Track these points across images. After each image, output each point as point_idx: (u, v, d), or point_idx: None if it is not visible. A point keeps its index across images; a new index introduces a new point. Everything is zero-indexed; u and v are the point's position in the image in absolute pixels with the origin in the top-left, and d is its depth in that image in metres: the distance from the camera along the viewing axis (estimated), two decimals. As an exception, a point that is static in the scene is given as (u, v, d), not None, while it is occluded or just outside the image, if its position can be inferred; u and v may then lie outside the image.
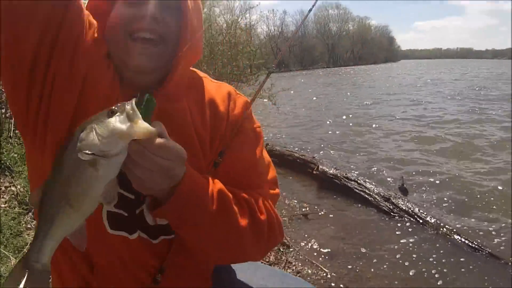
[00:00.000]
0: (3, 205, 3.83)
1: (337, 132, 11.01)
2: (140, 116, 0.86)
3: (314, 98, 19.26)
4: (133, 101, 0.88)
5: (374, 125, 11.60)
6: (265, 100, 11.63)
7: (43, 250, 0.94)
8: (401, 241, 4.55)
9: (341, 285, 3.69)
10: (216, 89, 1.28)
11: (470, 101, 15.95)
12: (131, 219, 1.13)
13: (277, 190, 1.33)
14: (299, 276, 3.77)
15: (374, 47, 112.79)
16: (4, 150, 4.60)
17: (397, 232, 4.76)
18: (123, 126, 0.84)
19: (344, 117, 13.19)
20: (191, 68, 1.26)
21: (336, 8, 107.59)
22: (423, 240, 4.56)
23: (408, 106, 14.66)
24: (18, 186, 4.17)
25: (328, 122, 12.35)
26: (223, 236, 1.12)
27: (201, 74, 1.32)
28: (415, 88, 24.20)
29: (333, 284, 3.73)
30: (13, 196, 4.03)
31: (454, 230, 4.67)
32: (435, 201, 5.66)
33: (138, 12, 1.05)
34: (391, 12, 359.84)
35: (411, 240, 4.54)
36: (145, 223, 1.13)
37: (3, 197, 3.99)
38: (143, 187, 0.95)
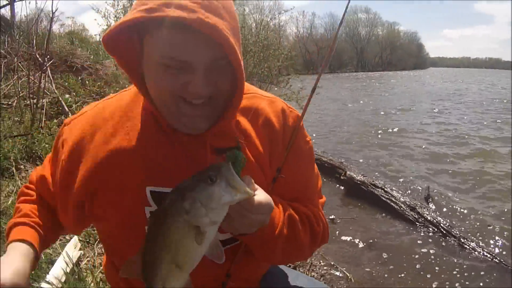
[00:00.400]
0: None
1: (364, 138, 10.96)
2: (240, 181, 0.92)
3: (343, 103, 19.20)
4: (230, 165, 0.93)
5: (402, 133, 11.54)
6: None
7: None
8: (423, 250, 4.52)
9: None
10: (269, 105, 1.31)
11: (499, 113, 15.67)
12: None
13: (324, 198, 1.46)
14: (323, 279, 3.81)
15: (403, 53, 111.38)
16: (35, 140, 4.68)
17: (419, 242, 4.74)
18: (228, 196, 0.90)
19: (373, 123, 13.13)
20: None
21: (366, 12, 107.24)
22: (446, 251, 4.52)
23: (438, 116, 14.44)
24: (50, 175, 4.26)
25: (356, 128, 12.30)
26: (290, 250, 1.26)
27: (251, 88, 1.36)
28: (445, 97, 23.86)
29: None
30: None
31: (478, 244, 4.63)
32: (460, 213, 5.60)
33: (188, 83, 1.03)
34: (420, 19, 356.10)
35: (433, 251, 4.51)
36: None
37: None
38: (236, 232, 1.09)
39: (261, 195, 1.00)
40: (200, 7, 0.95)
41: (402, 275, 4.05)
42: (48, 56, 6.21)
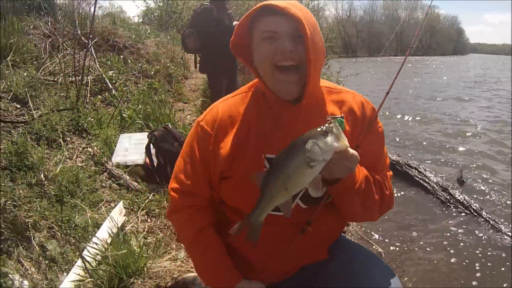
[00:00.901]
0: (80, 164, 4.11)
1: (400, 121, 11.02)
2: (344, 136, 1.28)
3: (380, 87, 19.01)
4: (338, 125, 1.28)
5: (440, 119, 11.48)
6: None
7: (262, 215, 1.45)
8: (452, 229, 4.60)
9: (394, 266, 3.82)
10: (352, 98, 1.69)
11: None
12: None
13: (390, 172, 1.78)
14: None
15: (443, 38, 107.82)
16: (81, 114, 4.85)
17: (449, 221, 4.79)
18: (336, 144, 1.26)
19: (410, 108, 12.95)
20: (327, 83, 1.74)
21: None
22: (475, 230, 4.57)
23: (479, 103, 14.07)
24: (95, 148, 4.44)
25: (393, 112, 12.24)
26: (365, 205, 1.58)
27: (338, 86, 1.76)
28: (487, 84, 23.19)
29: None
30: (89, 156, 4.30)
31: (506, 225, 4.67)
32: (491, 196, 5.61)
33: (277, 46, 1.47)
34: (460, 2, 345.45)
35: (461, 230, 4.57)
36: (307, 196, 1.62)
37: (80, 157, 4.24)
38: (332, 176, 1.41)
39: (352, 150, 1.33)
40: (288, 4, 1.46)
41: (430, 249, 4.16)
42: (91, 36, 6.42)
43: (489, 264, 3.95)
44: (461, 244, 4.30)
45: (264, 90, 1.61)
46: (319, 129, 1.28)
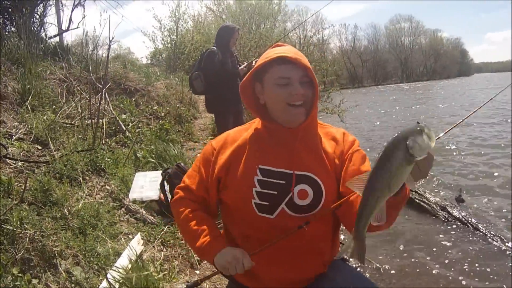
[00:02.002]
0: (99, 200, 4.37)
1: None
2: (434, 136, 1.36)
3: (383, 115, 19.20)
4: (430, 127, 1.37)
5: (440, 140, 11.51)
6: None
7: (368, 220, 1.46)
8: (449, 244, 4.85)
9: (394, 280, 4.08)
10: (336, 130, 2.05)
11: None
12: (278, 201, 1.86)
13: None
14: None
15: (447, 61, 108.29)
16: (98, 154, 5.14)
17: (448, 237, 5.05)
18: (432, 144, 1.33)
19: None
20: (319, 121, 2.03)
21: (409, 21, 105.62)
22: (472, 245, 4.80)
23: (476, 126, 14.13)
24: (113, 185, 4.75)
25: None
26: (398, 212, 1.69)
27: (325, 123, 2.10)
28: (485, 108, 22.98)
29: (384, 279, 4.14)
30: (108, 193, 4.60)
31: (503, 239, 4.88)
32: (490, 213, 5.83)
33: (291, 90, 1.81)
34: (463, 23, 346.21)
35: (461, 245, 4.82)
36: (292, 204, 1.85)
37: (99, 194, 4.53)
38: (418, 177, 1.43)
39: None
40: (293, 53, 1.82)
41: (428, 265, 4.38)
42: (105, 80, 6.81)
43: (488, 274, 4.15)
44: (460, 257, 4.53)
45: (268, 124, 1.96)
46: (415, 128, 1.35)
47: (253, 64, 5.82)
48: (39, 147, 4.85)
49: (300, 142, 1.87)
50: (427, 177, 6.98)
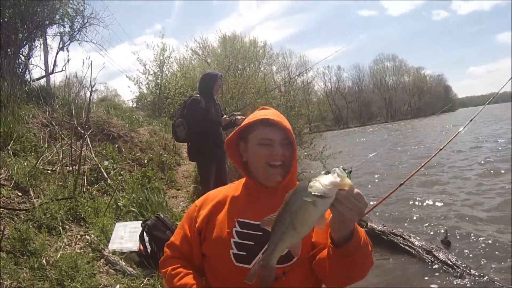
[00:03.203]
0: (78, 250, 4.32)
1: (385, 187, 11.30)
2: (345, 174, 1.37)
3: (368, 157, 19.22)
4: (341, 167, 1.40)
5: (423, 182, 11.73)
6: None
7: (273, 256, 1.52)
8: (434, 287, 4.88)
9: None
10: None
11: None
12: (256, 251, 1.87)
13: None
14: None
15: (431, 98, 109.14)
16: (79, 203, 5.07)
17: (434, 280, 5.08)
18: (338, 180, 1.34)
19: (389, 174, 13.23)
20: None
21: (392, 60, 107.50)
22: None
23: (458, 166, 14.24)
24: (92, 235, 4.68)
25: (376, 181, 12.55)
26: (362, 265, 1.67)
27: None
28: (465, 146, 23.14)
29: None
30: (87, 243, 4.51)
31: (490, 279, 4.89)
32: (476, 254, 5.84)
33: (273, 151, 1.94)
34: (444, 60, 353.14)
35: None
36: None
37: (78, 244, 4.45)
38: (343, 221, 1.45)
39: (357, 190, 1.42)
40: (276, 116, 1.98)
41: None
42: (87, 126, 6.79)
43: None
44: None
45: (249, 183, 2.10)
46: (323, 172, 1.43)
47: (236, 117, 6.03)
48: (20, 194, 4.79)
49: (278, 200, 1.76)
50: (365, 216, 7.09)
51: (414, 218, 7.84)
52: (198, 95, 6.12)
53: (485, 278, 4.92)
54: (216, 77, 6.29)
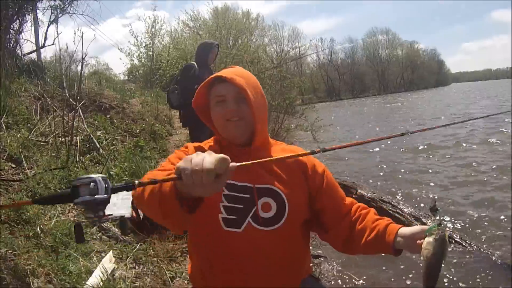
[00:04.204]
0: (72, 218, 4.37)
1: (377, 158, 11.44)
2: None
3: (358, 130, 19.30)
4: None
5: (414, 152, 11.95)
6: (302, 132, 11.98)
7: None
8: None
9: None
10: (296, 148, 2.13)
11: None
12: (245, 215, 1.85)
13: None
14: (333, 283, 4.33)
15: (424, 72, 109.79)
16: (72, 173, 5.15)
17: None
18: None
19: (383, 145, 13.20)
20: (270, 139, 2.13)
21: (386, 34, 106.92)
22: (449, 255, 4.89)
23: (449, 135, 14.34)
24: (85, 203, 4.77)
25: (370, 151, 12.61)
26: None
27: (277, 141, 2.21)
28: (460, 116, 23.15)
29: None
30: (80, 211, 4.56)
31: (480, 247, 5.01)
32: (465, 221, 6.00)
33: (226, 107, 1.90)
34: (438, 35, 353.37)
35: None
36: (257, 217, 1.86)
37: (71, 212, 4.53)
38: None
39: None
40: (232, 73, 1.91)
41: (405, 277, 4.43)
42: (79, 97, 6.81)
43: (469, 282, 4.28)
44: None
45: (220, 140, 2.02)
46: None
47: None
48: (13, 165, 4.85)
49: (249, 156, 1.84)
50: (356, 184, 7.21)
51: (404, 189, 7.93)
52: (194, 63, 6.14)
53: (472, 244, 5.05)
54: (211, 46, 6.30)
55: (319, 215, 1.99)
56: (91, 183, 1.18)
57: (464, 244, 5.08)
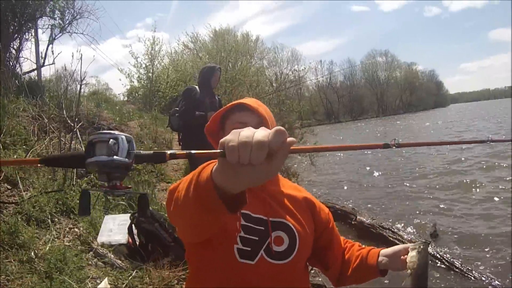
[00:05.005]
0: (67, 243, 4.32)
1: (375, 184, 11.38)
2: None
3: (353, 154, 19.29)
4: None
5: (412, 177, 11.85)
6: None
7: None
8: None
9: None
10: (305, 191, 2.13)
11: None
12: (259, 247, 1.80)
13: None
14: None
15: (423, 93, 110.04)
16: (68, 196, 5.08)
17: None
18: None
19: (379, 172, 13.14)
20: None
21: (384, 56, 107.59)
22: (449, 281, 4.87)
23: (447, 159, 14.38)
24: (81, 228, 4.68)
25: (366, 178, 12.55)
26: None
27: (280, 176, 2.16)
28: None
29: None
30: (76, 236, 4.52)
31: (480, 273, 4.96)
32: (463, 247, 5.93)
33: None
34: (436, 56, 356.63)
35: (437, 281, 4.89)
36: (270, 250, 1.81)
37: (67, 237, 4.46)
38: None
39: None
40: (253, 103, 1.90)
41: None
42: (77, 119, 6.78)
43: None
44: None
45: None
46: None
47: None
48: (9, 187, 4.80)
49: (268, 190, 1.88)
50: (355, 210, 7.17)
51: (403, 215, 7.88)
52: (195, 86, 6.13)
53: (472, 270, 5.01)
54: (214, 69, 6.27)
55: (321, 252, 2.01)
56: (111, 140, 0.97)
57: (464, 270, 5.03)
